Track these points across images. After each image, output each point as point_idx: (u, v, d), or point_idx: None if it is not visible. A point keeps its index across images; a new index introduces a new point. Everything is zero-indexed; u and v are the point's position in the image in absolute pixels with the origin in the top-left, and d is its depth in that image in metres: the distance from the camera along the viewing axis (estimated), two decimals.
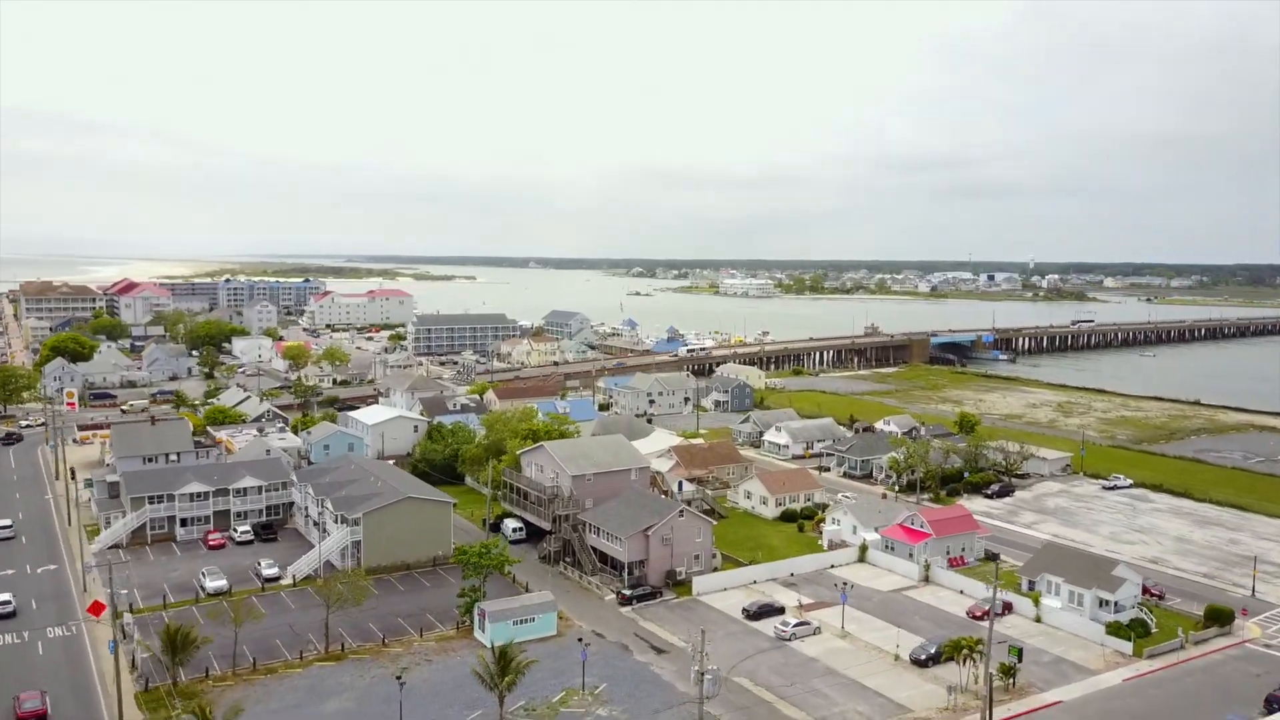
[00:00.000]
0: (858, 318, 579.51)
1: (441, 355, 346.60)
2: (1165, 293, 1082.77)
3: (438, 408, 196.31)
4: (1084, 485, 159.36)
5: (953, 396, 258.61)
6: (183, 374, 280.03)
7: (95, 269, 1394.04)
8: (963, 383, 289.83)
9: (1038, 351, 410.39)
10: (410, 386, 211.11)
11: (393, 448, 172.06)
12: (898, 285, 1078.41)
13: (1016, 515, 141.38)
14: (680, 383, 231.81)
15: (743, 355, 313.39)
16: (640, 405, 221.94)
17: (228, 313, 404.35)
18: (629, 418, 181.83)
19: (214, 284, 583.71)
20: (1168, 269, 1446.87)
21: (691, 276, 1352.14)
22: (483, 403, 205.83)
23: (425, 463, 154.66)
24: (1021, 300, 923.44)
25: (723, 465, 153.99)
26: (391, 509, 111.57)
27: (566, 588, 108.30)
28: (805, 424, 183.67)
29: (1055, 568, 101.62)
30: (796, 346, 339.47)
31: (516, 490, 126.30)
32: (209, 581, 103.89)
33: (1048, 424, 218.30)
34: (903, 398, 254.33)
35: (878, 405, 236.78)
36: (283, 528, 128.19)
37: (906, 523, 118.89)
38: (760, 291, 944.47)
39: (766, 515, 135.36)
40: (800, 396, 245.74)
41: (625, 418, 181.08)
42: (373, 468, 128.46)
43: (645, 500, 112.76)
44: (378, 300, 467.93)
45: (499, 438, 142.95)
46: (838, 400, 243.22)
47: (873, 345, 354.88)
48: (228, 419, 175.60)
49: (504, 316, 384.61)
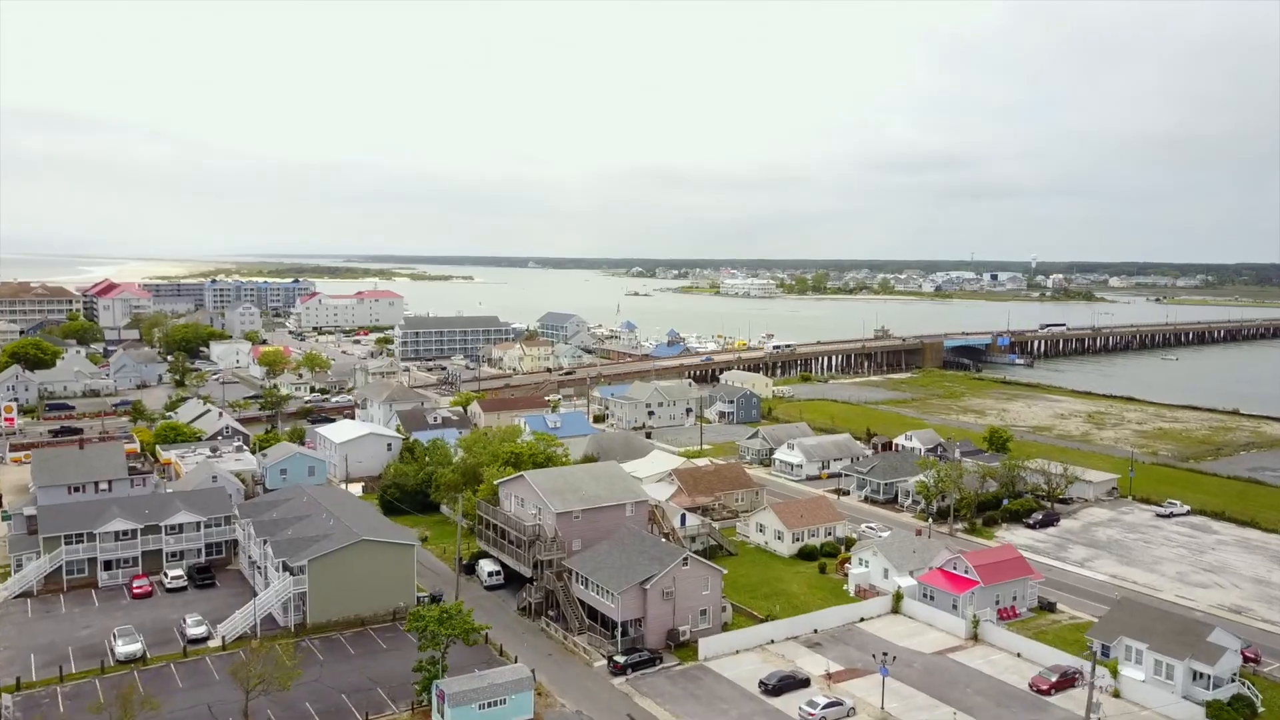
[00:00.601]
0: (864, 319, 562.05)
1: (430, 360, 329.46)
2: (1172, 292, 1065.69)
3: (416, 422, 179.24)
4: (1135, 512, 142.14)
5: (973, 406, 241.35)
6: (152, 381, 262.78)
7: (91, 269, 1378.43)
8: (981, 390, 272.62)
9: (1054, 354, 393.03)
10: (388, 398, 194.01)
11: (363, 468, 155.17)
12: (901, 285, 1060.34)
13: (1065, 550, 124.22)
14: (681, 392, 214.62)
15: (747, 361, 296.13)
16: (639, 417, 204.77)
17: (209, 315, 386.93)
18: (625, 434, 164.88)
19: (200, 285, 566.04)
20: (1172, 268, 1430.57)
21: (692, 277, 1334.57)
22: (466, 416, 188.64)
23: (396, 488, 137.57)
24: (1028, 300, 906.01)
25: (730, 491, 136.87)
26: (343, 554, 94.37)
27: (548, 649, 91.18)
28: (820, 440, 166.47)
29: (1136, 630, 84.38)
30: (804, 351, 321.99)
31: (493, 527, 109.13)
32: (120, 644, 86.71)
33: (1081, 438, 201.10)
34: (920, 407, 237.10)
35: (895, 417, 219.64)
36: (225, 569, 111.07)
37: (948, 567, 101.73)
38: (762, 292, 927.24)
39: (782, 552, 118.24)
40: (811, 407, 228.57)
41: (622, 434, 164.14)
42: (328, 499, 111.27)
43: (643, 544, 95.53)
44: (366, 302, 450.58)
45: (476, 462, 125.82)
46: (851, 410, 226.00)
47: (883, 349, 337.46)
48: (180, 436, 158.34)
49: (496, 319, 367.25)
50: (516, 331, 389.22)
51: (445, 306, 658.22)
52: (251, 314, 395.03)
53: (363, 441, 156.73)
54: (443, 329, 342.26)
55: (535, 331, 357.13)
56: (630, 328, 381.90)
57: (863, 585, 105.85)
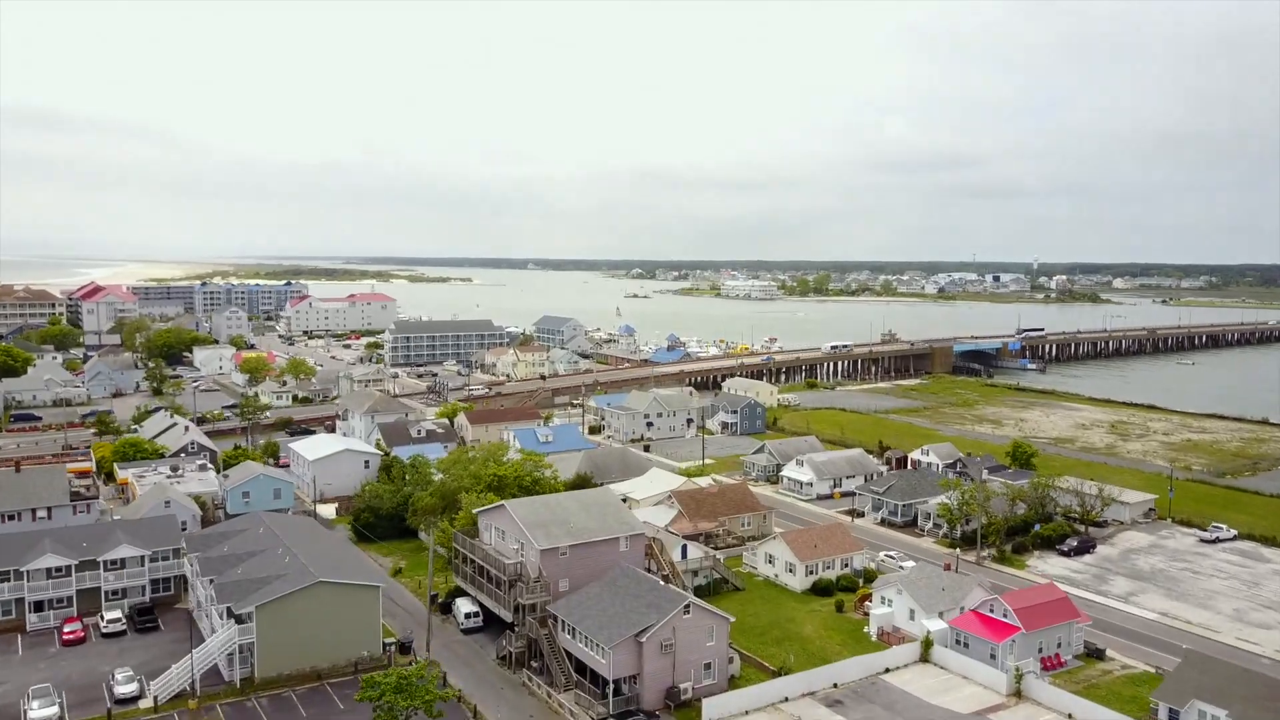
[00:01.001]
0: (869, 322, 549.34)
1: (421, 365, 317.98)
2: (1177, 294, 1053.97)
3: (399, 436, 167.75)
4: (1177, 536, 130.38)
5: (989, 415, 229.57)
6: (128, 389, 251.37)
7: (88, 271, 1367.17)
8: (995, 397, 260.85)
9: (1067, 359, 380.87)
10: (369, 409, 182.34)
11: (337, 488, 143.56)
12: (904, 287, 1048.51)
13: (1105, 581, 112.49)
14: (682, 402, 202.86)
15: (750, 367, 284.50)
16: (636, 428, 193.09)
17: (194, 320, 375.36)
18: (622, 450, 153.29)
19: (190, 288, 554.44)
20: (1175, 269, 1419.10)
21: (692, 278, 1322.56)
22: (452, 428, 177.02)
23: (369, 512, 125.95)
24: (1032, 302, 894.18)
25: (736, 514, 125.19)
26: (297, 598, 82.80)
27: (531, 709, 79.55)
28: (831, 456, 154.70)
29: (1211, 691, 72.68)
30: (809, 357, 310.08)
31: (470, 562, 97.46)
32: (34, 708, 75.09)
33: (1106, 450, 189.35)
34: (933, 417, 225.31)
35: (907, 427, 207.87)
36: (173, 609, 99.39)
37: (984, 609, 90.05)
38: (763, 293, 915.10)
39: (794, 586, 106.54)
40: (818, 416, 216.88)
41: (618, 450, 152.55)
42: (288, 530, 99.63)
43: (638, 586, 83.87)
44: (358, 305, 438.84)
45: (457, 485, 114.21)
46: (861, 421, 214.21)
47: (891, 355, 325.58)
48: (141, 453, 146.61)
49: (490, 323, 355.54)
50: (511, 335, 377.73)
51: (441, 309, 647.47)
52: (238, 318, 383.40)
53: (337, 459, 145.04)
54: (434, 333, 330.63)
55: (530, 336, 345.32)
56: (629, 331, 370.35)
57: (886, 628, 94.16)
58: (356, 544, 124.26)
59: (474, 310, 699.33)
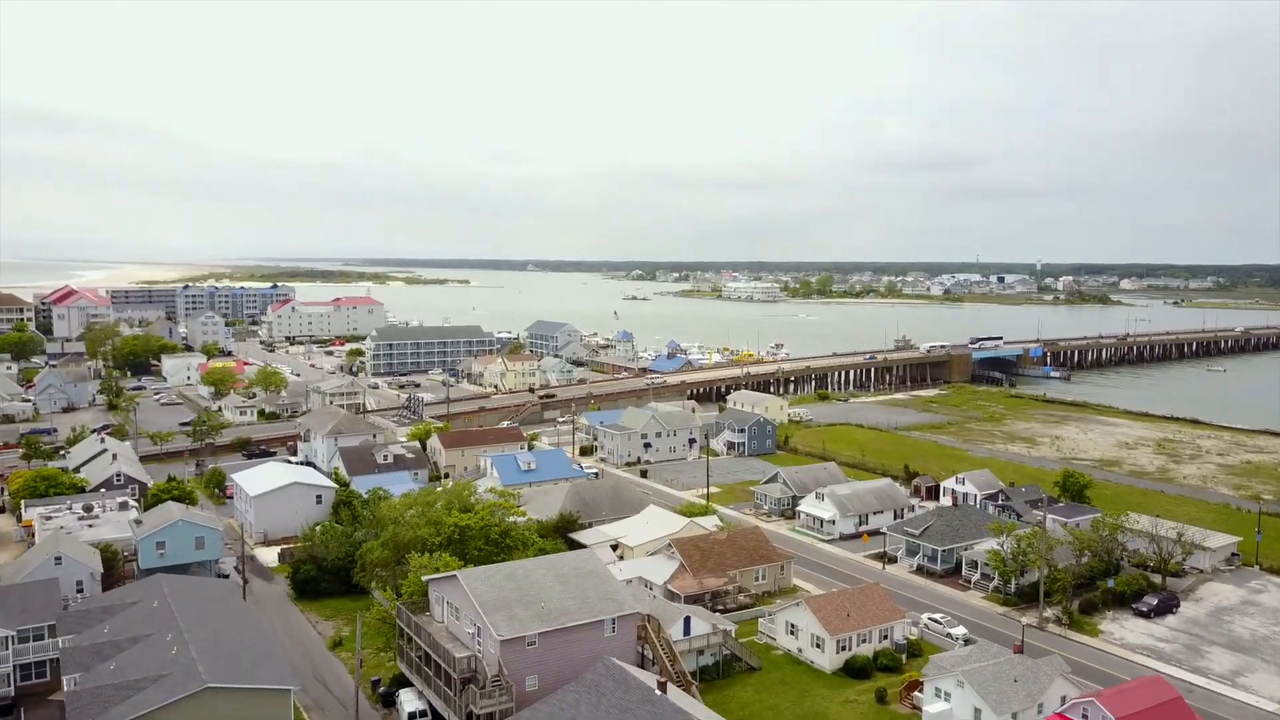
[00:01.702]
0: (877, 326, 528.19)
1: (405, 375, 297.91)
2: (1186, 295, 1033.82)
3: (362, 463, 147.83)
4: (1270, 589, 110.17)
5: (1020, 432, 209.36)
6: (82, 403, 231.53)
7: (85, 273, 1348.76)
8: (1023, 410, 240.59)
9: (1089, 365, 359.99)
10: (333, 429, 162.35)
11: (284, 526, 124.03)
12: (908, 288, 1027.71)
13: (1201, 655, 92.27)
14: (683, 420, 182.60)
15: (757, 377, 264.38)
16: (633, 450, 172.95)
17: (166, 326, 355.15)
18: (614, 483, 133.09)
19: (172, 290, 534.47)
20: (1181, 270, 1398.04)
21: (693, 280, 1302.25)
22: (424, 454, 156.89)
23: (312, 563, 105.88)
24: (1040, 304, 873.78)
25: (749, 567, 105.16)
26: (173, 713, 62.66)
27: None
28: (856, 489, 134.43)
29: None
30: (820, 365, 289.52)
31: (416, 646, 77.34)
32: None
33: (1159, 475, 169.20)
34: (960, 434, 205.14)
35: (933, 447, 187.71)
36: (47, 701, 79.22)
37: (1074, 715, 69.93)
38: (766, 295, 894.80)
39: (822, 665, 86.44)
40: (833, 434, 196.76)
41: (609, 483, 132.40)
42: (189, 604, 79.49)
43: (626, 694, 63.63)
44: (343, 309, 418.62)
45: (410, 534, 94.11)
46: (881, 440, 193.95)
47: (906, 362, 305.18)
48: (56, 488, 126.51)
49: (479, 329, 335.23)
50: (503, 341, 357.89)
51: (435, 312, 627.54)
52: (214, 323, 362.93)
53: (283, 494, 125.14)
54: (419, 340, 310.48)
55: (520, 343, 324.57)
56: (626, 337, 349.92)
57: None
58: (296, 602, 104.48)
59: (469, 313, 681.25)
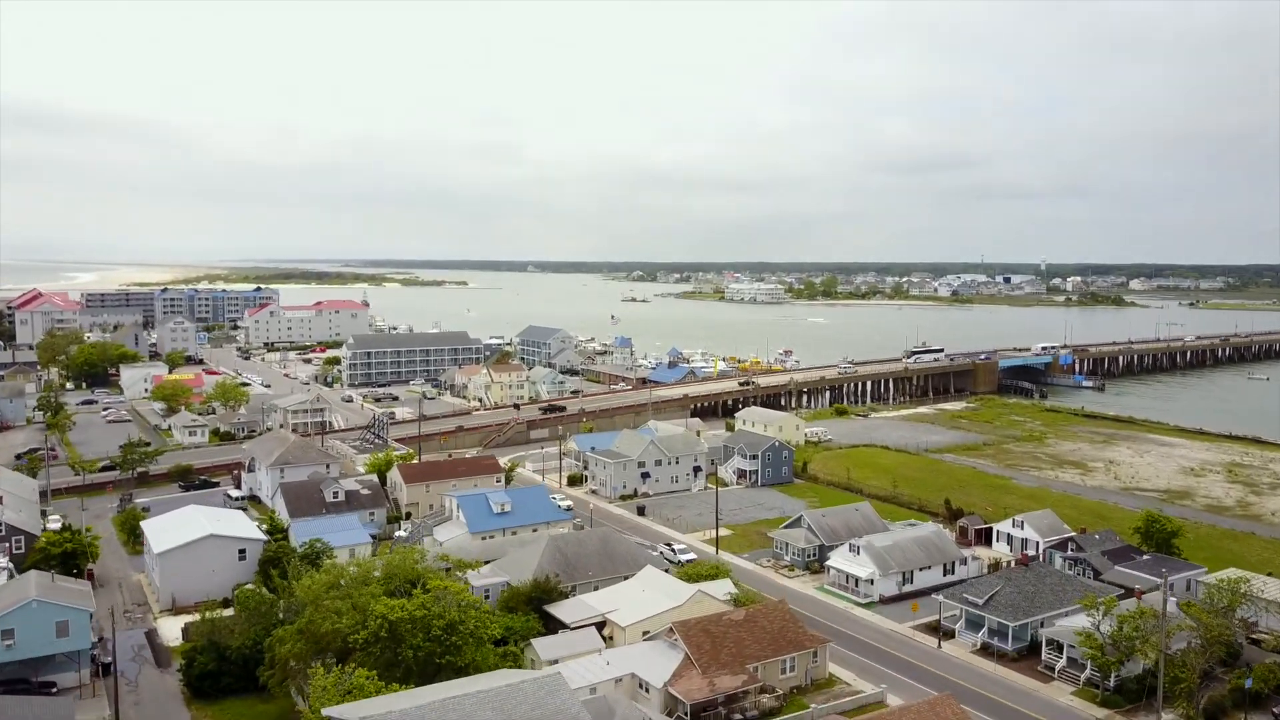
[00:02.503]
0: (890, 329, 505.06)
1: (383, 385, 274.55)
2: (1199, 296, 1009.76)
3: (306, 501, 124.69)
4: None
5: (1066, 454, 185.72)
6: (16, 420, 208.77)
7: (78, 274, 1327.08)
8: (1063, 427, 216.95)
9: (1120, 373, 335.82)
10: (278, 459, 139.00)
11: (199, 589, 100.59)
12: (914, 289, 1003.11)
13: None
14: (687, 444, 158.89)
15: (768, 389, 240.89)
16: (628, 481, 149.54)
17: (132, 332, 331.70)
18: (603, 535, 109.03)
19: (150, 293, 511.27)
20: (1189, 270, 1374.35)
21: (694, 281, 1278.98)
22: (382, 490, 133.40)
23: (211, 652, 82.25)
24: (1052, 306, 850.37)
25: (774, 657, 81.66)
26: None
27: None
28: (896, 539, 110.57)
29: None
30: (836, 376, 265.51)
31: None
32: None
33: (1241, 510, 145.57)
34: (999, 457, 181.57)
35: (972, 474, 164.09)
36: None
37: None
38: (769, 297, 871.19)
39: None
40: (858, 458, 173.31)
41: (597, 535, 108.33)
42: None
43: None
44: (325, 314, 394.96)
45: (327, 624, 70.77)
46: (912, 464, 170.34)
47: (927, 372, 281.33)
48: None
49: (465, 335, 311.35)
50: (493, 348, 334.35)
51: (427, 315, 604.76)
52: (183, 329, 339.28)
53: (196, 550, 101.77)
54: (400, 348, 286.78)
55: (508, 352, 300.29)
56: (625, 344, 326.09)
57: None
58: (191, 705, 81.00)
59: (464, 316, 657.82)
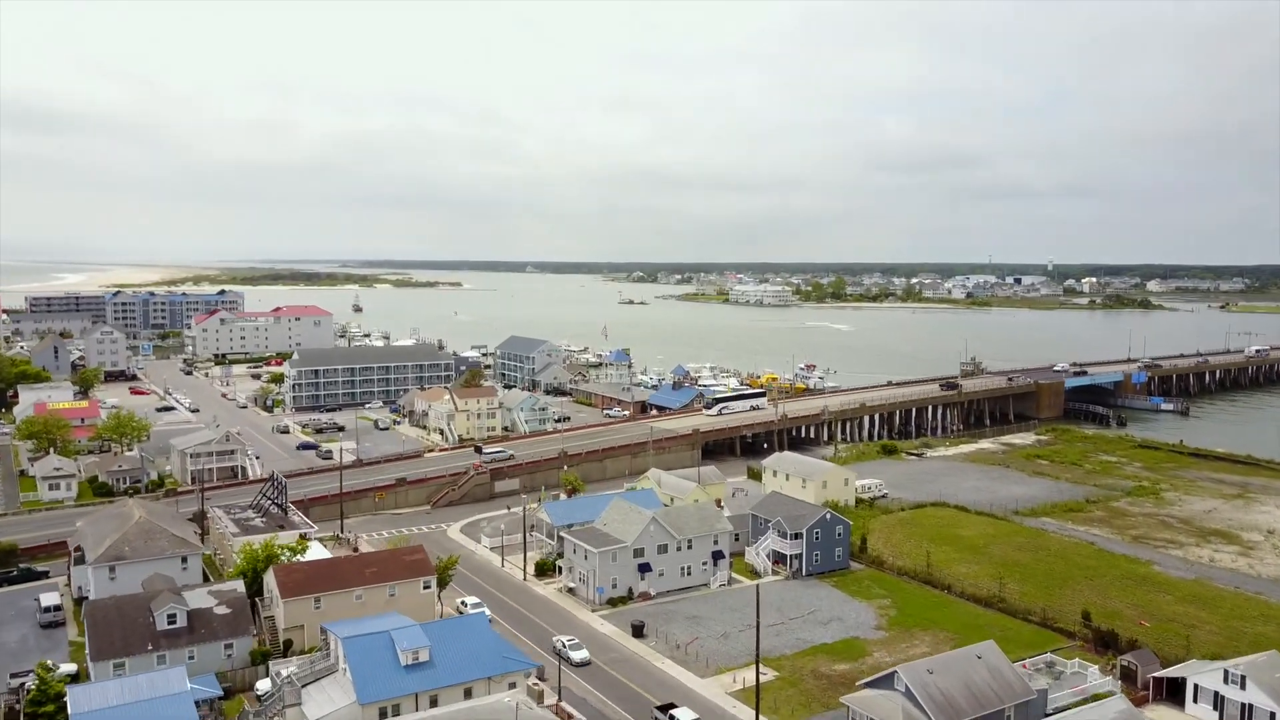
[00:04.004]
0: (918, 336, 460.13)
1: (333, 410, 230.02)
2: (1225, 298, 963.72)
3: (125, 634, 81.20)
4: None
5: (1198, 515, 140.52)
6: None
7: (68, 275, 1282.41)
8: (1170, 470, 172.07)
9: (1195, 392, 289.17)
10: (109, 550, 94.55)
11: None
12: (930, 291, 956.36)
13: None
14: (704, 520, 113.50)
15: (796, 420, 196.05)
16: (621, 576, 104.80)
17: (50, 345, 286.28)
18: None
19: (100, 296, 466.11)
20: (1203, 270, 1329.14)
21: (696, 281, 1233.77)
22: (252, 606, 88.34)
23: None
24: (1074, 309, 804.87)
25: None
26: None
27: None
28: None
29: None
30: (875, 402, 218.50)
31: None
32: None
33: None
34: (1114, 522, 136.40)
35: (1091, 553, 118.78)
36: None
37: None
38: (776, 299, 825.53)
39: None
40: (929, 524, 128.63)
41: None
42: None
43: None
44: (284, 321, 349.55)
45: None
46: (1004, 536, 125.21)
47: (985, 396, 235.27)
48: None
49: (434, 348, 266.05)
50: (470, 362, 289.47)
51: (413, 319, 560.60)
52: (111, 340, 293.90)
53: None
54: (354, 364, 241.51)
55: (478, 371, 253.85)
56: (621, 358, 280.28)
57: None
58: None
59: (451, 320, 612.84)
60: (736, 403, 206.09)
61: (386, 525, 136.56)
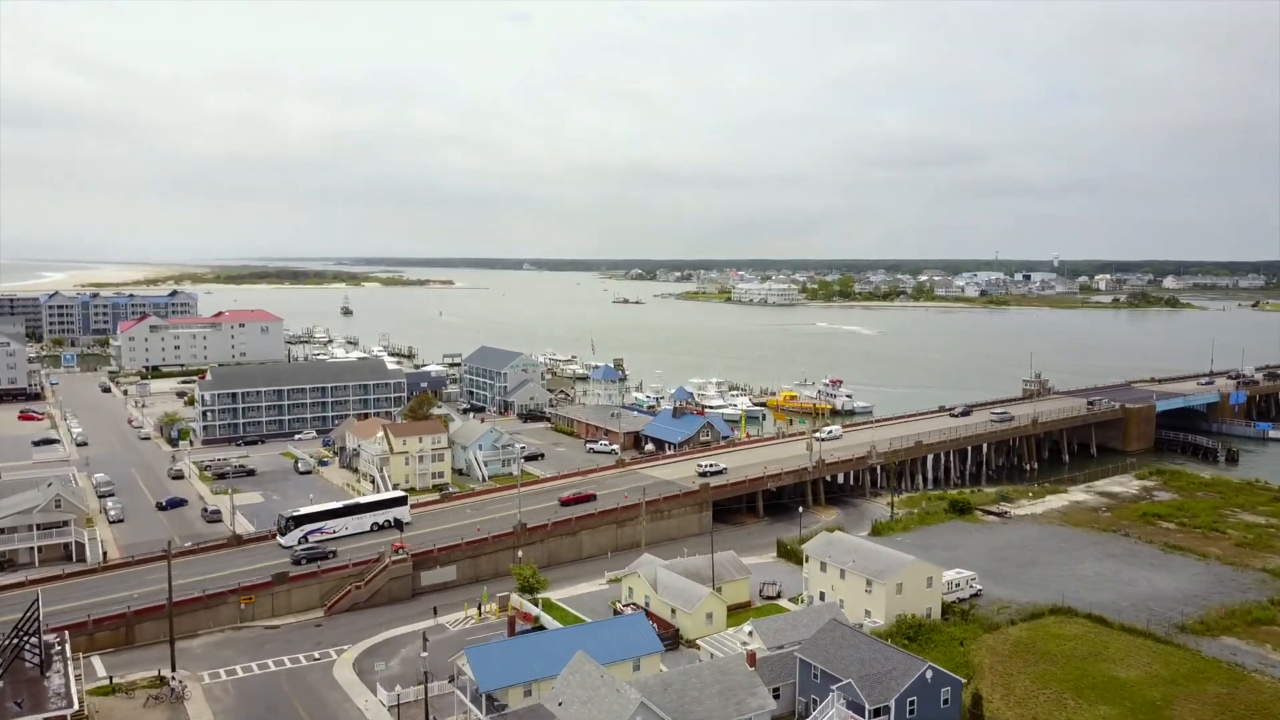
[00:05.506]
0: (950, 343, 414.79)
1: (253, 442, 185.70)
2: (1250, 295, 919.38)
3: None
4: None
5: None
6: None
7: (51, 274, 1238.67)
8: None
9: None
10: None
11: None
12: (940, 289, 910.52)
13: None
14: (729, 698, 68.68)
15: (835, 466, 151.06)
16: None
17: None
18: None
19: (35, 299, 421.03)
20: (1216, 267, 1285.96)
21: (696, 279, 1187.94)
22: None
23: None
24: (1097, 308, 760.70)
25: None
26: None
27: None
28: None
29: None
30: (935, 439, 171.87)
31: None
32: None
33: None
34: None
35: None
36: None
37: None
38: (782, 298, 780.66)
39: None
40: (1056, 654, 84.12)
41: None
42: None
43: None
44: (226, 328, 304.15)
45: None
46: (1174, 670, 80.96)
47: (1064, 428, 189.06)
48: None
49: (382, 365, 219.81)
50: (433, 380, 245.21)
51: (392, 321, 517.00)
52: (9, 352, 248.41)
53: None
54: (282, 385, 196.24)
55: (427, 396, 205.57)
56: (611, 375, 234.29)
57: None
58: None
59: (435, 321, 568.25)
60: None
61: (249, 652, 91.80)
